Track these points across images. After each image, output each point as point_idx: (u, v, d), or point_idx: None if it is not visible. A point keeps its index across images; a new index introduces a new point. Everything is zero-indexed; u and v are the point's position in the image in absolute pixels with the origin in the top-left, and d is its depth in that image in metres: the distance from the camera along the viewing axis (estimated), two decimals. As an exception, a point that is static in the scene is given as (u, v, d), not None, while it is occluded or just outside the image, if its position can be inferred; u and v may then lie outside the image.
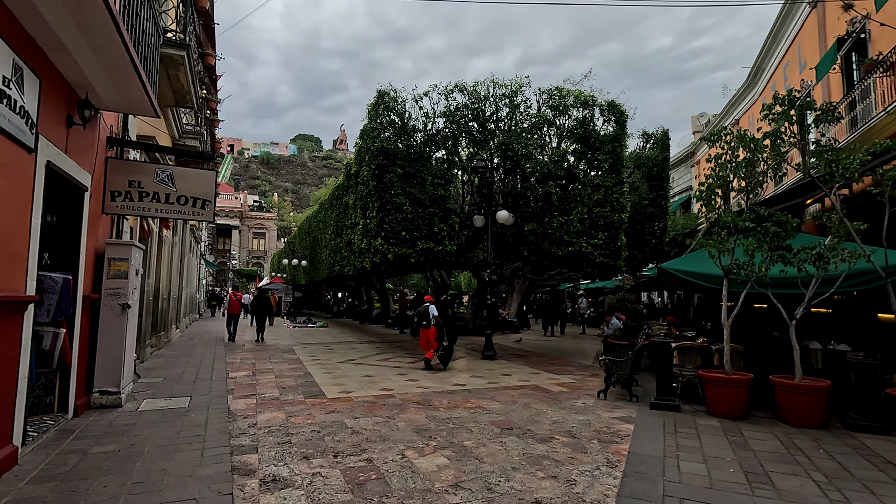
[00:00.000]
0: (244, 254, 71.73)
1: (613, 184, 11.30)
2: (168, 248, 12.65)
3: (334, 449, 4.89)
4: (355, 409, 6.59)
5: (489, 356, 11.73)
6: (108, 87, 5.32)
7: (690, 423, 6.08)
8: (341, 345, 14.82)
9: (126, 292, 6.12)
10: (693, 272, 7.61)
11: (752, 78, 18.77)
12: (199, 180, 6.90)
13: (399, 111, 11.69)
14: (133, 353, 6.64)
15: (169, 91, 10.10)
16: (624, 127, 11.73)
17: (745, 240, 6.57)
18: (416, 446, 5.02)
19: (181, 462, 4.13)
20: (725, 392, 6.36)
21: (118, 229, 6.91)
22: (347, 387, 8.18)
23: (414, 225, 11.39)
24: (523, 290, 21.21)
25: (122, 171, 6.40)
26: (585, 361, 11.74)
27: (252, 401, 7.05)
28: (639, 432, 5.66)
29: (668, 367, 6.95)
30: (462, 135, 12.07)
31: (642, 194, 14.65)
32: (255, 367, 10.33)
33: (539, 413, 6.54)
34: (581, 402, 7.25)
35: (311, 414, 6.32)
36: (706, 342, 8.11)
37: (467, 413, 6.49)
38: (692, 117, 31.87)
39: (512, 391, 8.01)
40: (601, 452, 4.94)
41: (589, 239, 11.17)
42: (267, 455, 4.68)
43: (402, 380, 8.94)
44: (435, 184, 11.65)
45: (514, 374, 9.78)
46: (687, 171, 29.92)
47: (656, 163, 14.51)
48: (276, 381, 8.68)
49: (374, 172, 11.53)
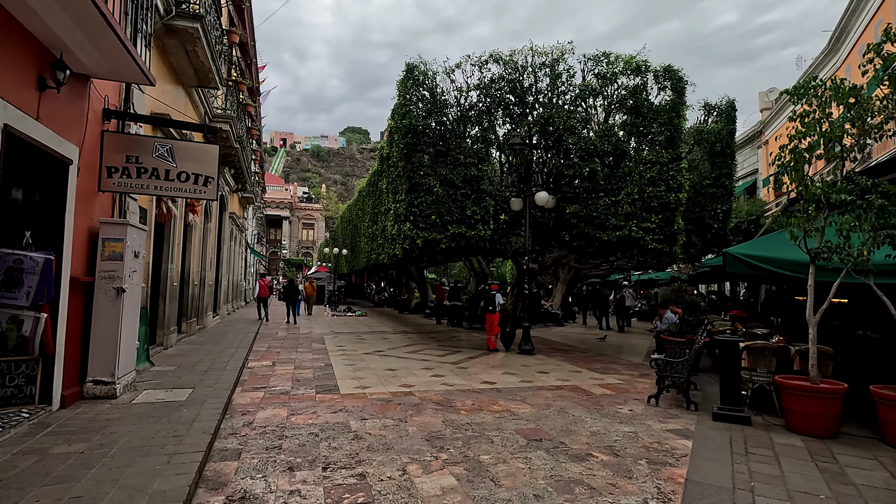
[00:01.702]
0: (294, 244, 73.80)
1: (669, 160, 9.95)
2: (198, 234, 12.49)
3: (327, 459, 4.18)
4: (366, 409, 5.89)
5: (526, 351, 10.77)
6: (86, 47, 4.80)
7: (765, 442, 4.94)
8: (373, 335, 14.30)
9: (122, 275, 5.68)
10: (767, 258, 6.33)
11: (833, 43, 16.51)
12: (201, 156, 6.37)
13: (429, 86, 10.83)
14: (134, 341, 6.25)
15: (189, 69, 9.75)
16: (682, 95, 10.30)
17: (840, 217, 5.28)
18: (423, 460, 4.22)
19: (141, 470, 3.54)
20: (812, 404, 5.15)
21: (121, 209, 6.51)
22: (366, 381, 7.52)
23: (445, 208, 10.55)
24: (568, 280, 19.95)
25: (119, 145, 5.94)
26: (635, 359, 10.55)
27: (259, 395, 6.52)
28: (699, 451, 4.60)
29: (735, 370, 5.78)
30: (498, 109, 11.05)
31: (703, 173, 13.03)
32: (279, 356, 9.91)
33: (576, 421, 5.58)
34: (627, 409, 6.21)
35: (317, 412, 5.67)
36: (783, 342, 6.82)
37: (491, 418, 5.63)
38: (760, 93, 29.16)
39: (547, 392, 7.06)
40: (650, 478, 3.95)
41: (640, 222, 9.91)
42: (248, 463, 4.04)
43: (427, 375, 8.19)
44: (468, 163, 10.74)
45: (553, 371, 8.80)
46: (753, 152, 27.42)
47: (720, 137, 12.81)
48: (294, 372, 8.16)
49: (403, 152, 10.76)
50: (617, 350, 12.10)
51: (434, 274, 39.57)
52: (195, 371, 7.40)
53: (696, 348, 6.39)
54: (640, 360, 10.33)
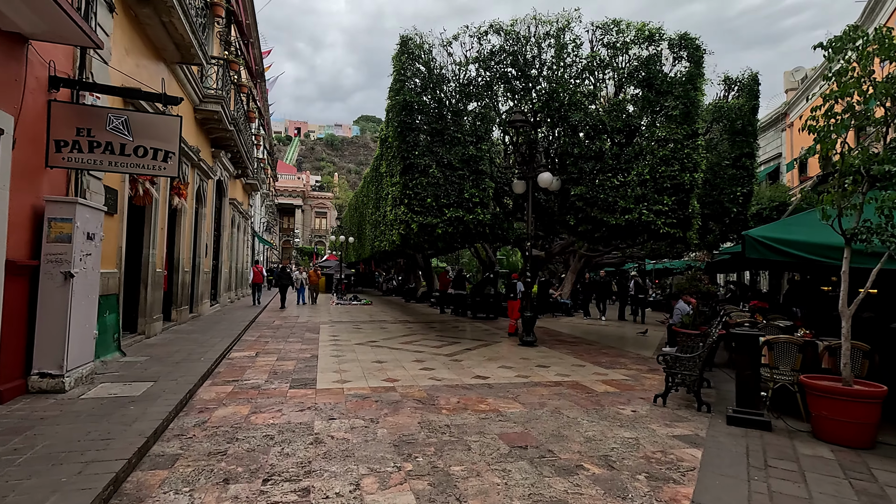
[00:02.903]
0: (307, 232, 73.93)
1: (684, 136, 9.10)
2: (188, 219, 12.06)
3: (273, 468, 3.63)
4: (337, 407, 5.34)
5: (528, 342, 10.14)
6: (13, 2, 4.25)
7: (788, 452, 4.25)
8: (372, 324, 13.79)
9: (70, 259, 5.18)
10: (793, 241, 5.57)
11: (867, 14, 15.29)
12: (162, 129, 5.81)
13: (425, 59, 10.11)
14: (92, 329, 5.78)
15: (169, 43, 9.19)
16: (700, 65, 9.40)
17: (881, 193, 4.51)
18: (383, 471, 3.64)
19: (44, 482, 3.03)
20: (844, 409, 4.43)
21: (78, 187, 6.01)
22: (348, 375, 6.98)
23: (441, 190, 9.89)
24: (578, 268, 19.16)
25: (69, 117, 5.42)
26: (645, 352, 9.84)
27: (227, 389, 6.01)
28: (709, 464, 3.94)
29: (754, 368, 5.07)
30: (498, 84, 10.30)
31: (722, 153, 12.09)
32: (266, 346, 9.44)
33: (570, 424, 4.95)
34: (630, 410, 5.55)
35: (282, 411, 5.14)
36: (810, 336, 6.06)
37: (475, 419, 5.03)
38: (785, 73, 27.72)
39: (543, 389, 6.43)
40: (649, 499, 3.31)
41: (651, 205, 9.12)
42: (179, 473, 3.51)
43: (416, 368, 7.62)
44: (466, 142, 10.04)
45: (554, 365, 8.16)
46: (777, 135, 26.12)
47: (741, 114, 11.81)
48: (275, 364, 7.67)
49: (397, 131, 10.11)
50: (627, 343, 11.39)
51: (445, 262, 38.98)
52: (167, 362, 6.94)
53: (710, 343, 5.67)
54: (650, 354, 9.61)
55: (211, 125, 13.49)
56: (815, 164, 21.98)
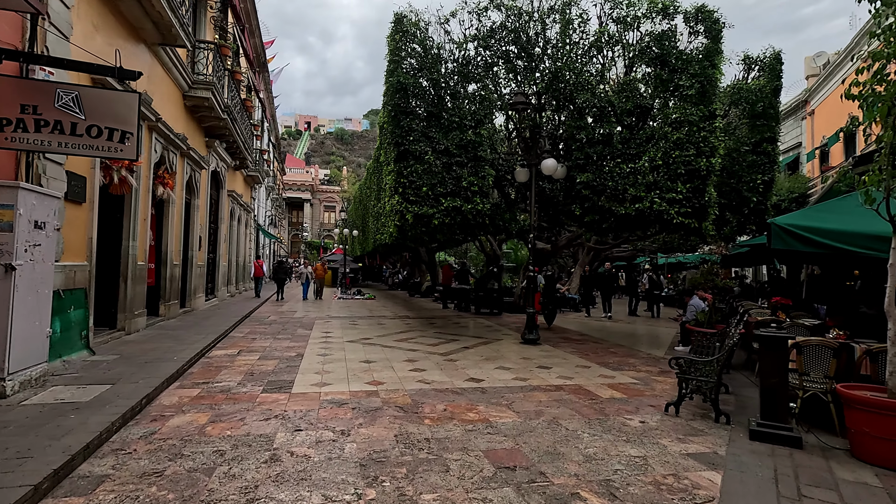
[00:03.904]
0: (316, 226, 73.83)
1: (701, 118, 8.36)
2: (178, 210, 11.58)
3: (210, 496, 3.07)
4: (308, 415, 4.78)
5: (530, 340, 9.51)
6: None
7: (825, 477, 3.60)
8: (370, 320, 13.25)
9: (11, 249, 4.67)
10: (828, 230, 4.87)
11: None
12: (118, 106, 5.26)
13: (420, 38, 9.46)
14: (44, 328, 5.28)
15: (147, 22, 8.63)
16: (718, 40, 8.62)
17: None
18: (340, 499, 3.07)
19: (-82, 518, 2.50)
20: (892, 426, 3.76)
21: (30, 172, 5.50)
22: (330, 377, 6.42)
23: (438, 178, 9.26)
24: (587, 262, 18.43)
25: (11, 92, 4.90)
26: (656, 352, 9.16)
27: (193, 393, 5.49)
28: (732, 493, 3.31)
29: (782, 375, 4.41)
30: (499, 64, 9.61)
31: (741, 138, 11.26)
32: (252, 343, 8.94)
33: (568, 438, 4.33)
34: (638, 420, 4.92)
35: (245, 420, 4.59)
36: (844, 337, 5.36)
37: (460, 431, 4.43)
38: (806, 58, 26.56)
39: (541, 395, 5.81)
40: (658, 543, 2.69)
41: (663, 193, 8.41)
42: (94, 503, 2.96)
43: (406, 369, 7.04)
44: (464, 126, 9.39)
45: (556, 366, 7.53)
46: (796, 124, 25.07)
47: (762, 95, 10.96)
48: (255, 363, 7.15)
49: (391, 114, 9.49)
50: (637, 340, 10.70)
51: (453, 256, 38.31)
52: (136, 361, 6.44)
53: (729, 345, 5.00)
54: (662, 354, 8.94)
55: (202, 113, 12.98)
56: (838, 153, 20.93)
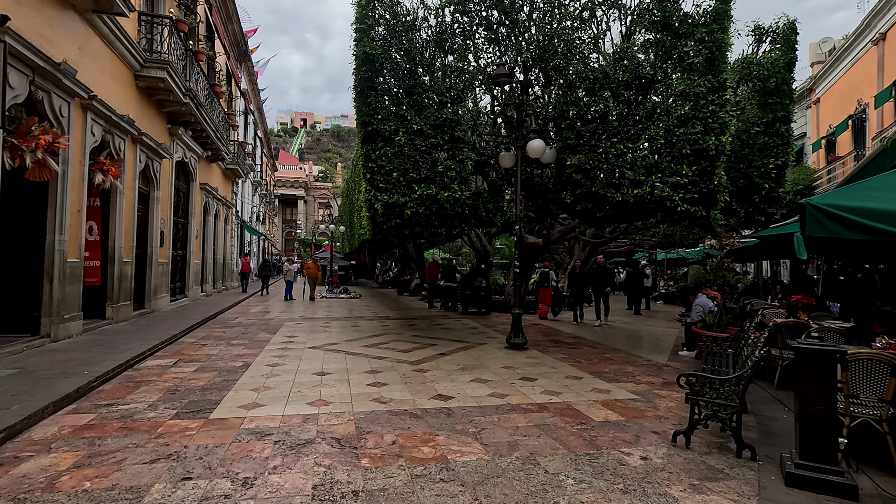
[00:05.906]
0: (310, 223, 72.75)
1: (709, 90, 7.26)
2: (129, 202, 10.45)
3: None
4: (214, 453, 3.69)
5: (516, 345, 8.43)
6: None
7: (905, 555, 2.52)
8: (345, 321, 12.15)
9: None
10: (884, 211, 3.78)
11: None
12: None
13: (390, 2, 8.33)
14: None
15: (71, -18, 7.57)
16: (727, 1, 7.54)
17: None
18: None
19: None
20: None
21: None
22: (267, 395, 5.33)
23: (410, 162, 8.16)
24: (583, 257, 17.34)
25: None
26: (658, 357, 8.09)
27: (84, 419, 4.39)
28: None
29: (828, 401, 3.34)
30: (479, 31, 8.49)
31: (751, 118, 10.14)
32: (198, 351, 7.85)
33: (547, 486, 3.25)
34: (639, 456, 3.84)
35: (123, 463, 3.50)
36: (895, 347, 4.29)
37: (404, 477, 3.35)
38: (811, 45, 25.56)
39: (521, 418, 4.73)
40: None
41: (666, 176, 7.32)
42: None
43: (364, 383, 5.95)
44: (441, 102, 8.28)
45: (543, 377, 6.45)
46: (801, 113, 24.12)
47: (775, 70, 9.83)
48: (187, 377, 6.05)
49: (357, 90, 8.38)
50: (637, 344, 9.63)
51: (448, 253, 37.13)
52: (34, 378, 5.35)
53: (755, 360, 3.91)
54: (664, 360, 7.87)
55: (160, 96, 11.85)
56: (846, 142, 19.85)
